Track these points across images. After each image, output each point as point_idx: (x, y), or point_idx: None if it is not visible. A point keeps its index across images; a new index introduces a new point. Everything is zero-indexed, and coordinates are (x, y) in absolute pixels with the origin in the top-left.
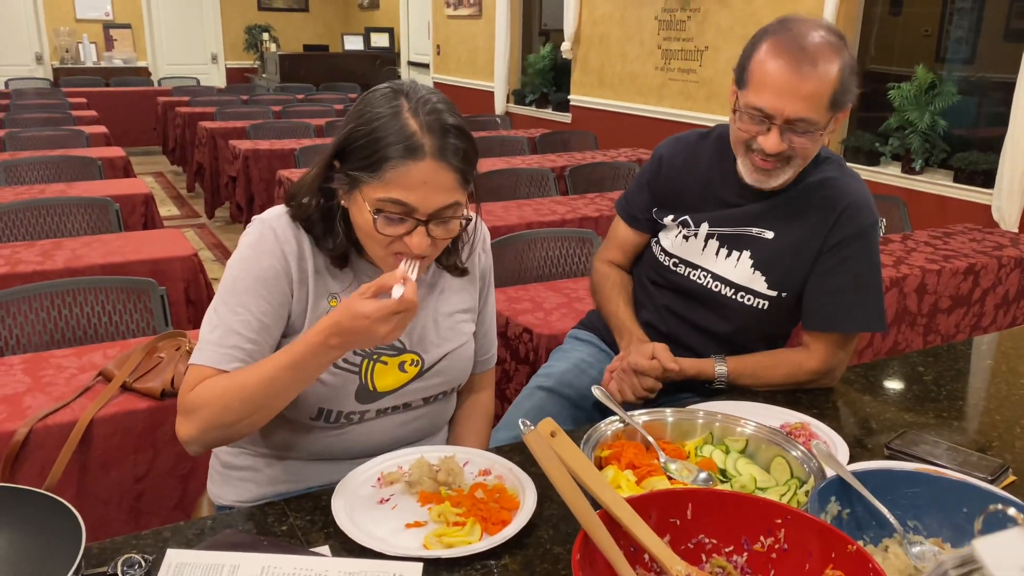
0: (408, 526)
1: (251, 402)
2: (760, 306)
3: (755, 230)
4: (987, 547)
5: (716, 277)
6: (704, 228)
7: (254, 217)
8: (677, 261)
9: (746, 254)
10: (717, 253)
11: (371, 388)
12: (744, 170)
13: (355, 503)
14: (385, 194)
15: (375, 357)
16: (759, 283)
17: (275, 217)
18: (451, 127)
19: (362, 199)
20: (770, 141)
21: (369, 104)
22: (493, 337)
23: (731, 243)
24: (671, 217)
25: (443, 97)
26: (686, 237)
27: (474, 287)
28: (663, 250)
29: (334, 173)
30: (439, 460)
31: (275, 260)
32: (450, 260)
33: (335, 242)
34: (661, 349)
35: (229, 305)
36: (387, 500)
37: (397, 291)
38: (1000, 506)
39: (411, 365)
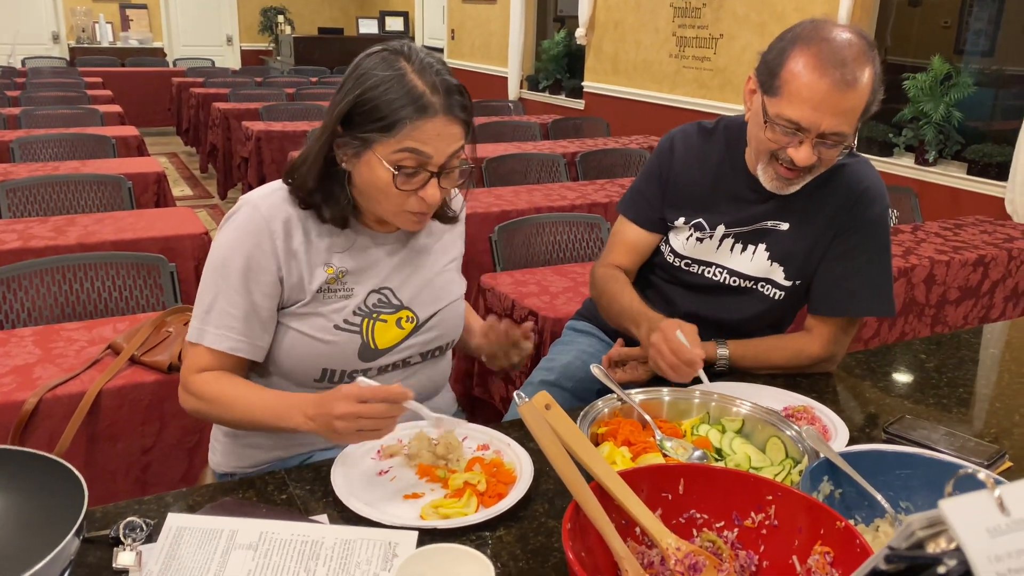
0: (406, 497)
1: (234, 419)
2: (776, 296)
3: (770, 223)
4: (953, 508)
5: (732, 272)
6: (720, 230)
7: (241, 197)
8: (690, 261)
9: (761, 247)
10: (732, 249)
11: (372, 346)
12: (765, 177)
13: (354, 474)
14: (402, 145)
15: (374, 316)
16: (777, 274)
17: (261, 196)
18: (454, 86)
19: (376, 158)
20: (802, 154)
21: (369, 69)
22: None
23: (746, 239)
24: (682, 219)
25: (439, 58)
26: (700, 239)
27: (454, 232)
28: (672, 251)
29: (338, 139)
30: (438, 434)
31: (262, 239)
32: (441, 208)
33: (339, 205)
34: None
35: (220, 287)
36: (386, 472)
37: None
38: (971, 470)
39: (407, 321)
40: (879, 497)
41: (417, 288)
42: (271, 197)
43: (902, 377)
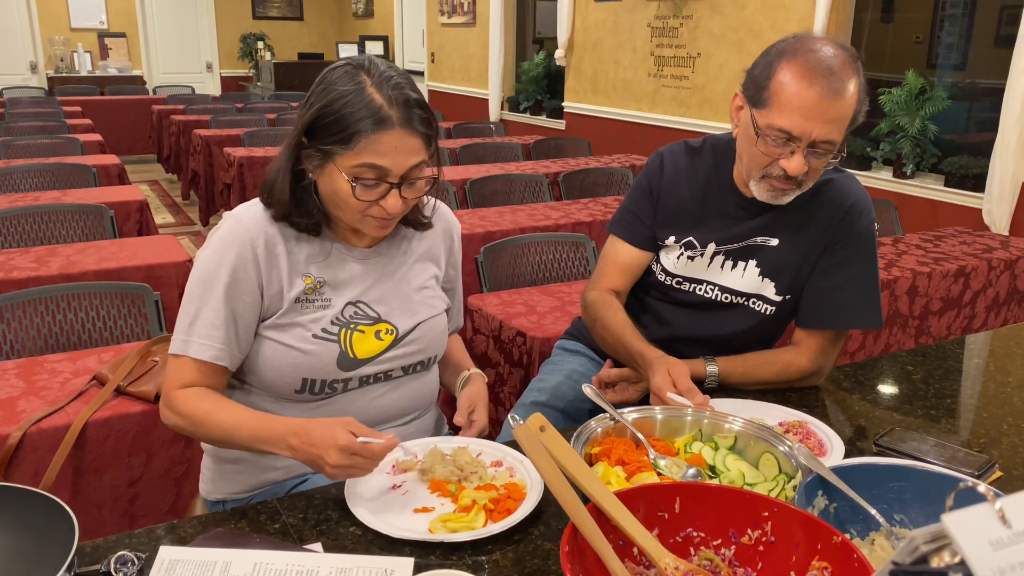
0: (416, 511)
1: (214, 438)
2: (767, 311)
3: (759, 239)
4: (956, 522)
5: (724, 289)
6: (711, 248)
7: (225, 213)
8: (681, 280)
9: (752, 263)
10: (722, 266)
11: (351, 355)
12: (758, 190)
13: (367, 488)
14: (360, 160)
15: (352, 326)
16: (768, 289)
17: (244, 209)
18: (414, 100)
19: (337, 170)
20: (793, 164)
21: (332, 83)
22: (459, 315)
23: (736, 255)
24: (673, 238)
25: (400, 71)
26: (691, 258)
27: (435, 250)
28: (664, 270)
29: (303, 151)
30: (452, 450)
31: (244, 248)
32: (414, 216)
33: (310, 214)
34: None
35: (204, 298)
36: (398, 487)
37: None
38: (971, 483)
39: (386, 334)
40: (873, 511)
41: (394, 303)
42: (253, 209)
43: (890, 389)
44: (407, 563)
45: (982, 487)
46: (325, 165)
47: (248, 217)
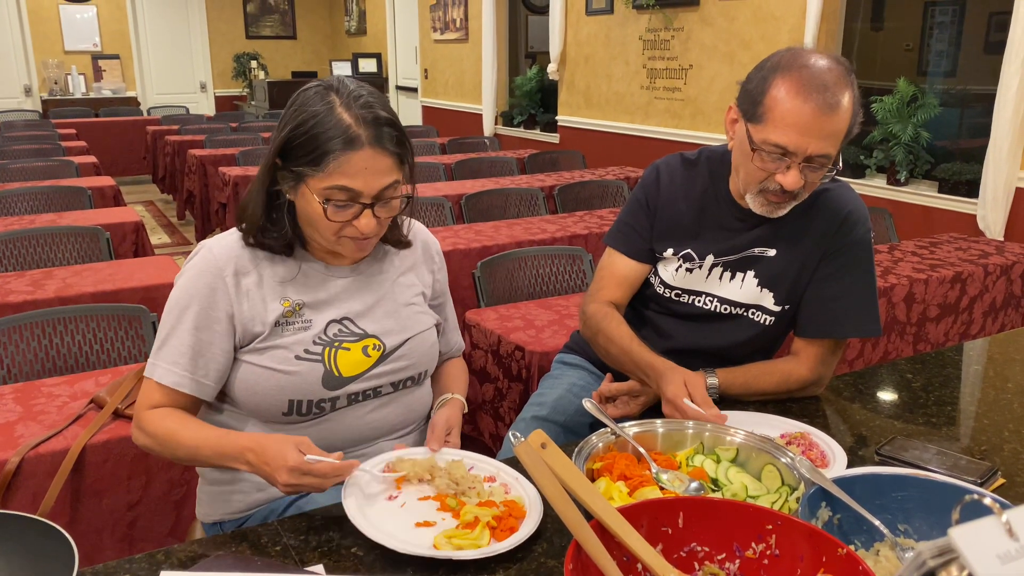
0: (418, 525)
1: (180, 457)
2: (766, 321)
3: (757, 250)
4: (963, 536)
5: (723, 300)
6: (709, 260)
7: (199, 242)
8: (680, 292)
9: (750, 274)
10: (721, 278)
11: (336, 373)
12: (754, 203)
13: (366, 499)
14: (331, 183)
15: (336, 344)
16: (767, 300)
17: (216, 240)
18: (383, 118)
19: (309, 191)
20: (789, 179)
21: (303, 104)
22: (454, 333)
23: (735, 266)
24: (671, 250)
25: (372, 90)
26: (689, 270)
27: (421, 268)
28: (662, 282)
29: (278, 172)
30: (446, 463)
31: (212, 278)
32: (394, 235)
33: (283, 234)
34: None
35: (173, 325)
36: (395, 497)
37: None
38: (976, 496)
39: (373, 349)
40: (876, 522)
41: (381, 317)
42: (225, 239)
43: (890, 397)
44: None
45: (988, 499)
46: (298, 187)
47: (220, 247)
